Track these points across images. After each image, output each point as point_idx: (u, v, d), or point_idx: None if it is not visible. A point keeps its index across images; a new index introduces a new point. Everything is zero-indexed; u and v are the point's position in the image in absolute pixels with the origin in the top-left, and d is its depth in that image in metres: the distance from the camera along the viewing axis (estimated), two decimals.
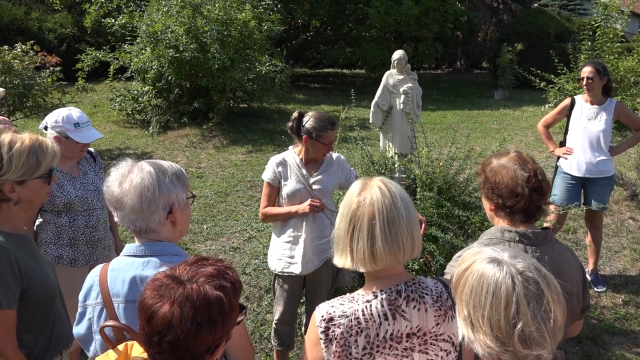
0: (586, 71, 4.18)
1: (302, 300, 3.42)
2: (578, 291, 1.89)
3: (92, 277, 1.60)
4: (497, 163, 1.91)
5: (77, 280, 2.12)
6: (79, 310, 1.59)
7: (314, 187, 2.98)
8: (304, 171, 2.99)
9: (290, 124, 2.98)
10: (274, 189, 3.04)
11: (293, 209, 2.95)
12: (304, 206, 2.91)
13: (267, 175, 3.04)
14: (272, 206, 3.07)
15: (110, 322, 1.47)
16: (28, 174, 1.76)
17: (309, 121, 2.90)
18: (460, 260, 1.30)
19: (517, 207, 1.84)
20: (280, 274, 3.05)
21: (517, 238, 1.82)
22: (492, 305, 1.16)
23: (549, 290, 1.17)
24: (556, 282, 1.21)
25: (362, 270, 1.49)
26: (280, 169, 3.01)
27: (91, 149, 2.99)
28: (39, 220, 2.81)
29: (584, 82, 4.19)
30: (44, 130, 2.76)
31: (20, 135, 1.76)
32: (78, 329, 1.57)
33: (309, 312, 3.24)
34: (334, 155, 3.14)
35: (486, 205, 1.97)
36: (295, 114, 2.97)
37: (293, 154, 3.04)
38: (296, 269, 2.99)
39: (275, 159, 3.05)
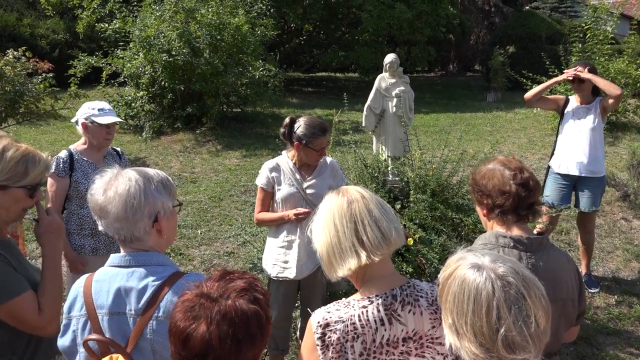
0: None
1: (297, 304, 3.41)
2: (574, 297, 1.88)
3: (77, 287, 1.57)
4: (484, 168, 1.95)
5: (98, 268, 2.15)
6: (64, 322, 1.56)
7: (308, 191, 2.99)
8: (298, 175, 2.99)
9: (282, 130, 3.00)
10: (268, 194, 3.05)
11: (285, 215, 2.96)
12: (291, 214, 2.91)
13: (260, 180, 3.05)
14: (265, 211, 3.08)
15: (94, 336, 1.44)
16: (12, 181, 1.73)
17: (300, 127, 2.91)
18: (444, 267, 1.30)
19: (508, 206, 1.84)
20: (275, 278, 3.05)
21: (512, 244, 1.82)
22: (474, 312, 1.17)
23: (529, 294, 1.16)
24: (539, 285, 1.21)
25: (377, 258, 1.47)
26: (273, 174, 3.02)
27: (117, 148, 3.44)
28: (65, 212, 3.16)
29: (575, 83, 4.24)
30: (76, 126, 3.22)
31: (17, 144, 1.76)
32: (62, 341, 1.54)
33: (304, 316, 3.23)
34: (328, 159, 3.15)
35: (479, 211, 1.99)
36: (287, 120, 2.99)
37: (286, 159, 3.05)
38: (290, 273, 2.98)
39: (268, 164, 3.06)
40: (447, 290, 1.24)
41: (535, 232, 1.99)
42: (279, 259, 3.02)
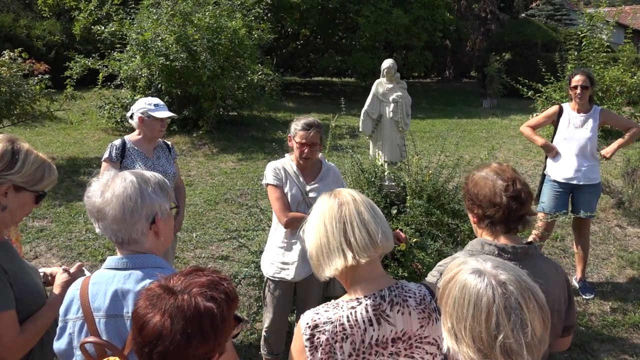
0: (579, 80, 4.21)
1: (293, 309, 3.40)
2: (560, 309, 1.84)
3: (73, 290, 1.56)
4: (477, 175, 1.90)
5: None
6: (60, 324, 1.54)
7: (310, 195, 2.99)
8: (302, 179, 3.00)
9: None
10: (282, 190, 2.96)
11: None
12: None
13: (270, 179, 2.96)
14: (288, 209, 2.92)
15: (90, 339, 1.44)
16: (29, 184, 1.77)
17: (293, 123, 3.00)
18: (446, 271, 1.30)
19: (497, 217, 1.81)
20: (272, 278, 3.05)
21: (496, 252, 1.79)
22: (474, 317, 1.16)
23: (527, 303, 1.16)
24: (539, 294, 1.20)
25: (363, 260, 1.49)
26: (281, 172, 2.99)
27: (168, 142, 3.73)
28: None
29: (578, 91, 4.23)
30: (130, 121, 3.53)
31: (35, 151, 1.84)
32: (59, 344, 1.53)
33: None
34: (331, 165, 3.16)
35: (470, 218, 1.96)
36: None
37: (290, 162, 3.05)
38: (288, 275, 2.98)
39: (273, 163, 3.04)
40: (447, 294, 1.24)
41: (524, 241, 1.97)
42: (277, 259, 3.02)
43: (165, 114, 3.47)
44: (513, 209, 1.80)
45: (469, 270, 1.22)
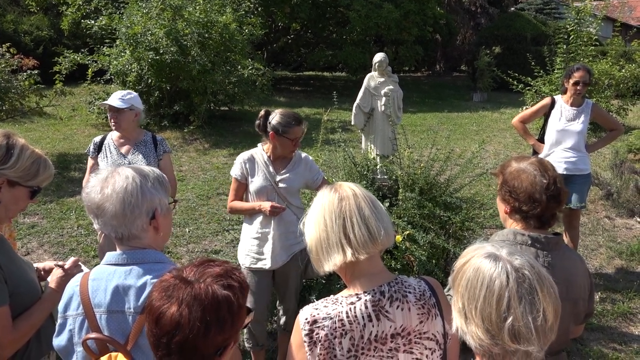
0: (581, 75, 4.24)
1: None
2: (585, 297, 1.90)
3: (72, 286, 1.56)
4: (517, 166, 1.89)
5: None
6: (59, 321, 1.54)
7: (280, 185, 3.04)
8: (271, 169, 3.05)
9: (257, 121, 3.07)
10: (242, 185, 3.12)
11: (256, 205, 3.01)
12: (266, 206, 2.95)
13: (234, 171, 3.12)
14: (239, 200, 3.14)
15: (93, 335, 1.44)
16: (23, 179, 1.78)
17: (275, 118, 2.98)
18: (462, 255, 1.31)
19: (533, 213, 1.83)
20: (249, 269, 3.08)
21: (530, 242, 1.82)
22: (485, 299, 1.19)
23: (541, 289, 1.19)
24: (553, 284, 1.22)
25: (362, 256, 1.49)
26: (247, 165, 3.09)
27: (159, 137, 3.54)
28: None
29: (579, 87, 4.25)
30: None
31: (31, 146, 1.85)
32: (59, 341, 1.53)
33: (285, 308, 3.25)
34: (303, 154, 3.20)
35: (501, 207, 1.96)
36: (262, 112, 3.07)
37: (261, 151, 3.11)
38: (265, 264, 3.03)
39: (243, 155, 3.13)
40: (461, 276, 1.26)
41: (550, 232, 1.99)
42: (252, 250, 3.07)
43: (111, 101, 3.30)
44: (550, 207, 1.83)
45: (484, 255, 1.24)
